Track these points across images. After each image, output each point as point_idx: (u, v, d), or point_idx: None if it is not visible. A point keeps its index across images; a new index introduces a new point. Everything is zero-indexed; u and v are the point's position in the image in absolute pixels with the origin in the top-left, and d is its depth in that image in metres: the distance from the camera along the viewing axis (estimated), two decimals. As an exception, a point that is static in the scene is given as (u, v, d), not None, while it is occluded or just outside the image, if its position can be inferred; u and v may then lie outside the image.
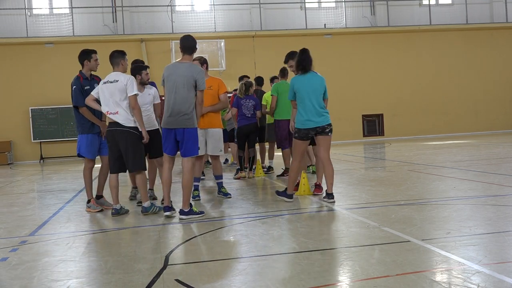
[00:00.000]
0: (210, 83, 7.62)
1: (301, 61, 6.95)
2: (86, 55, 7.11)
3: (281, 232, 5.39)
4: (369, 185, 8.36)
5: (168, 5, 21.24)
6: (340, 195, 7.50)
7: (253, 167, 10.38)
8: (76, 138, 7.31)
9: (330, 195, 6.85)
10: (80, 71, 7.16)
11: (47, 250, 5.08)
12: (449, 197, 6.86)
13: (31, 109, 20.30)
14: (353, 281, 3.63)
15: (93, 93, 6.80)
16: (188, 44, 6.28)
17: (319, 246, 4.66)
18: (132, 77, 6.67)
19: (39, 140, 20.41)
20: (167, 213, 6.28)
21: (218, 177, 7.84)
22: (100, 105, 6.70)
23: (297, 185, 7.76)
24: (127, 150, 6.49)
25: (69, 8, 20.96)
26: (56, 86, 20.55)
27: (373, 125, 23.27)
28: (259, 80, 11.05)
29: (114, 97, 6.44)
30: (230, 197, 7.64)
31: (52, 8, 21.35)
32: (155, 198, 7.79)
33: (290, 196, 7.04)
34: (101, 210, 7.14)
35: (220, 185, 7.82)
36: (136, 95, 6.44)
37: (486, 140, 18.11)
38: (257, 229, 5.53)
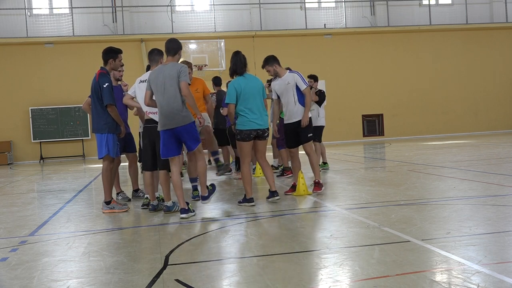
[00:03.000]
0: (196, 86, 7.87)
1: (233, 65, 6.84)
2: (113, 54, 6.98)
3: (281, 232, 5.39)
4: (369, 185, 8.36)
5: (168, 5, 21.25)
6: (340, 195, 7.51)
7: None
8: (77, 138, 7.26)
9: (274, 193, 6.97)
10: (104, 68, 6.97)
11: (47, 250, 5.08)
12: (449, 197, 6.86)
13: (31, 109, 20.30)
14: (353, 281, 3.63)
15: (130, 92, 6.98)
16: (171, 46, 6.37)
17: (319, 246, 4.66)
18: None
19: (39, 140, 20.42)
20: (184, 215, 6.22)
21: (193, 179, 7.69)
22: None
23: (294, 186, 7.76)
24: None
25: (69, 8, 20.97)
26: (56, 86, 20.58)
27: (373, 125, 23.28)
28: (217, 80, 11.14)
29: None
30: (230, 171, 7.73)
31: (52, 8, 21.36)
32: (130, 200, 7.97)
33: (251, 200, 6.83)
34: (127, 210, 7.06)
35: (195, 187, 7.69)
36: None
37: (486, 140, 18.12)
38: (257, 229, 5.53)
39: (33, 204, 8.56)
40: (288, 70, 7.62)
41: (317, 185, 7.60)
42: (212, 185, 6.75)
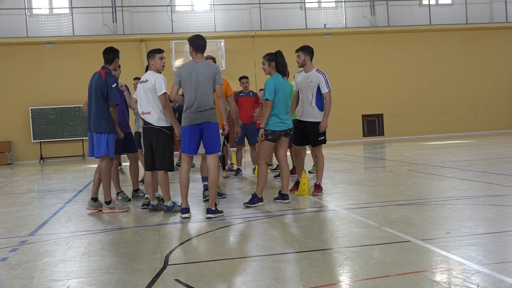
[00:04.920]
0: None
1: (279, 64, 6.81)
2: (117, 53, 7.02)
3: (281, 232, 5.39)
4: (369, 185, 8.36)
5: (168, 5, 21.25)
6: (340, 195, 7.51)
7: (225, 167, 10.76)
8: (77, 138, 7.25)
9: (284, 196, 6.96)
10: (108, 67, 6.98)
11: (47, 250, 5.08)
12: (449, 197, 6.86)
13: (31, 109, 20.30)
14: (353, 281, 3.63)
15: (135, 95, 7.04)
16: (202, 43, 6.35)
17: (319, 246, 4.66)
18: (161, 75, 6.65)
19: (39, 140, 20.42)
20: (186, 215, 6.20)
21: (206, 178, 7.67)
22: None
23: (297, 184, 7.77)
24: (157, 148, 6.59)
25: (69, 8, 20.96)
26: (56, 86, 20.57)
27: (373, 125, 23.27)
28: None
29: (147, 98, 6.60)
30: (225, 197, 7.61)
31: (52, 8, 21.35)
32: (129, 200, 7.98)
33: (262, 199, 6.87)
34: (127, 210, 7.05)
35: (206, 187, 7.65)
36: (165, 93, 6.49)
37: (486, 140, 18.11)
38: (257, 229, 5.53)
39: (33, 204, 8.56)
40: (315, 69, 7.45)
41: (317, 188, 7.58)
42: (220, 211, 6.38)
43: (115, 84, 6.81)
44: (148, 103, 6.62)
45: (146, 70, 7.27)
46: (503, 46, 23.79)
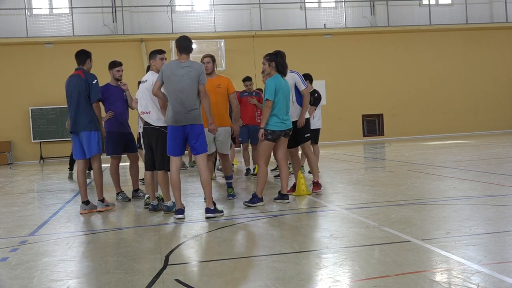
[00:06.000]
0: (218, 82, 7.51)
1: (278, 64, 6.83)
2: (89, 54, 7.12)
3: (281, 232, 5.39)
4: (369, 185, 8.36)
5: (168, 5, 21.25)
6: (340, 195, 7.51)
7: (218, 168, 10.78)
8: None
9: (284, 196, 6.98)
10: (82, 68, 7.02)
11: (47, 250, 5.08)
12: (449, 197, 6.86)
13: (31, 109, 20.30)
14: (353, 281, 3.63)
15: (136, 96, 7.10)
16: (186, 44, 6.30)
17: (319, 246, 4.66)
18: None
19: (39, 140, 20.42)
20: (180, 216, 6.18)
21: (228, 177, 7.76)
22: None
23: (294, 186, 7.77)
24: (157, 148, 6.61)
25: (69, 8, 20.97)
26: (56, 86, 20.51)
27: (373, 125, 23.28)
28: None
29: (146, 97, 6.65)
30: (233, 198, 7.59)
31: (52, 8, 21.36)
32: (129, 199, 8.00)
33: (262, 199, 6.87)
34: (114, 207, 7.19)
35: (229, 185, 7.74)
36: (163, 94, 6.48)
37: (486, 140, 18.12)
38: (257, 229, 5.53)
39: (33, 204, 8.56)
40: (289, 70, 7.49)
41: (316, 185, 7.62)
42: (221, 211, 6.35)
43: (95, 81, 6.89)
44: (147, 103, 6.64)
45: (147, 71, 7.27)
46: (503, 46, 23.80)
